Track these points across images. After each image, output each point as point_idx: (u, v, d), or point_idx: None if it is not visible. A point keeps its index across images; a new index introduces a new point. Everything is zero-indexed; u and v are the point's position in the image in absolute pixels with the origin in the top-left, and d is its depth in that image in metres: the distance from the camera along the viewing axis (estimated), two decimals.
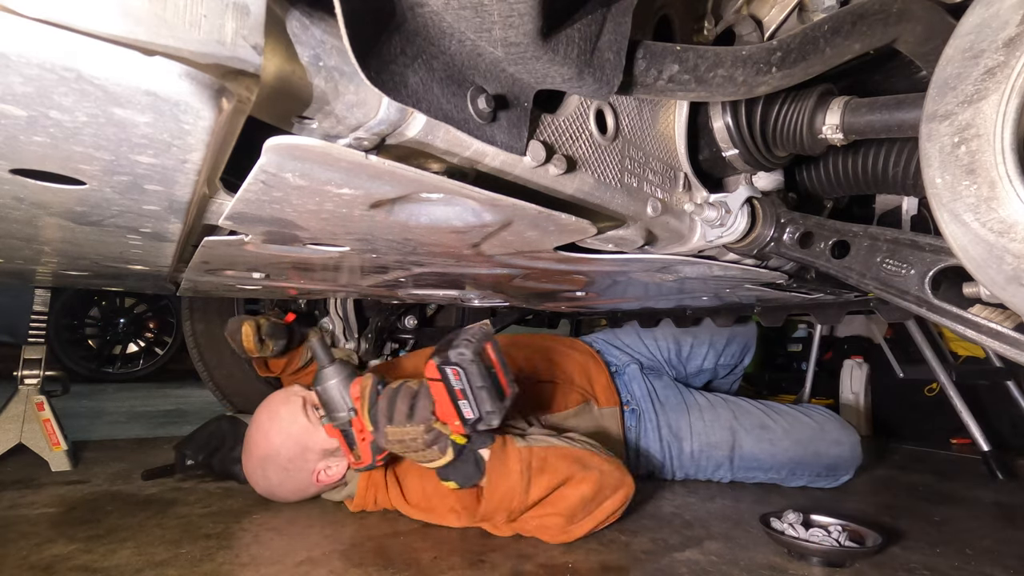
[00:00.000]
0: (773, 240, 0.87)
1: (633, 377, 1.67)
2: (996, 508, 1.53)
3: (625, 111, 0.71)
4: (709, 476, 1.62)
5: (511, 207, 0.64)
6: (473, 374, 1.02)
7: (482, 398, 1.02)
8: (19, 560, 0.97)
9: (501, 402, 1.04)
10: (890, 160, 0.86)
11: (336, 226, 0.72)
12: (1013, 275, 0.51)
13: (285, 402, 1.27)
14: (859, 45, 0.70)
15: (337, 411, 1.16)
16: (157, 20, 0.32)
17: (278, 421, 1.25)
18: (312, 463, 1.24)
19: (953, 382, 2.03)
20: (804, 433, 1.57)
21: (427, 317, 2.33)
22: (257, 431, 1.27)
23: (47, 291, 1.68)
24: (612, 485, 1.12)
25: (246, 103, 0.40)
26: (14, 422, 1.53)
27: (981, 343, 0.65)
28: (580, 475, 1.09)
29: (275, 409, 1.27)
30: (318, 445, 1.22)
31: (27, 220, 0.68)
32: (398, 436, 1.03)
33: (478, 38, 0.49)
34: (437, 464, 1.05)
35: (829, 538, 1.11)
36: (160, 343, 3.84)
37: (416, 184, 0.56)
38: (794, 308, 1.57)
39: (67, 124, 0.39)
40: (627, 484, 1.14)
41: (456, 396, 1.01)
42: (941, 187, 0.53)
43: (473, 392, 1.02)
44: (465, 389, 1.02)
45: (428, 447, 1.02)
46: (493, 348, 1.08)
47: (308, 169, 0.51)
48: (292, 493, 1.29)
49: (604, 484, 1.11)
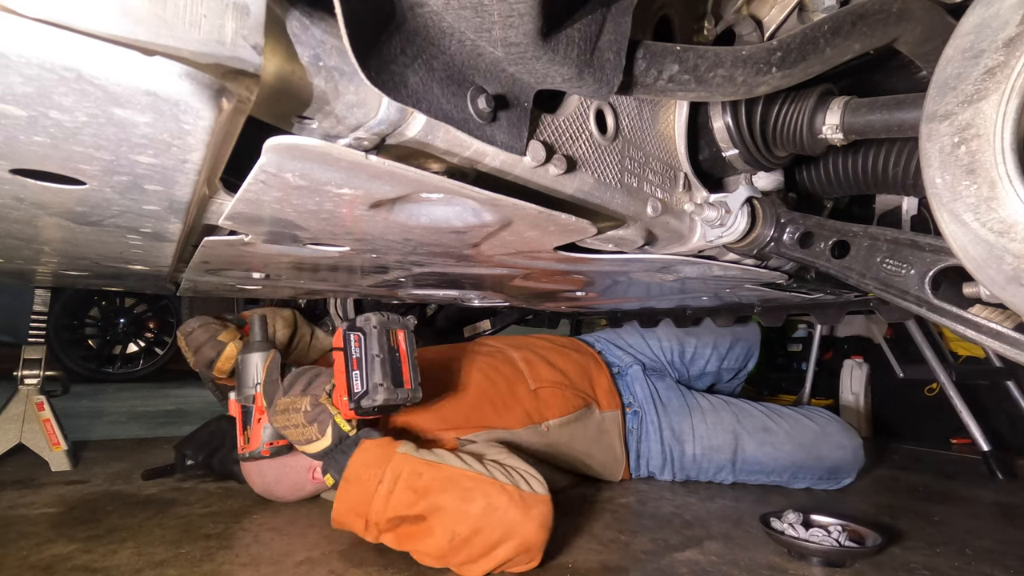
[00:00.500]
0: (773, 240, 0.87)
1: (636, 378, 1.67)
2: (996, 508, 1.53)
3: (625, 111, 0.71)
4: (711, 478, 1.62)
5: (511, 207, 0.64)
6: (372, 343, 0.96)
7: (374, 368, 0.95)
8: (19, 560, 0.97)
9: (395, 386, 0.96)
10: (890, 160, 0.86)
11: (336, 226, 0.72)
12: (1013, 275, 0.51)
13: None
14: (859, 45, 0.70)
15: (247, 385, 1.10)
16: (157, 20, 0.32)
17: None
18: (307, 460, 1.22)
19: (953, 382, 2.03)
20: (807, 436, 1.57)
21: (427, 317, 2.33)
22: None
23: (47, 291, 1.68)
24: (500, 533, 0.91)
25: (246, 103, 0.40)
26: (14, 422, 1.53)
27: (981, 343, 0.65)
28: (454, 509, 0.91)
29: None
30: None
31: (27, 220, 0.68)
32: (283, 407, 0.98)
33: (478, 38, 0.49)
34: (314, 448, 0.98)
35: (829, 538, 1.11)
36: (160, 343, 3.84)
37: (416, 184, 0.56)
38: (794, 308, 1.57)
39: (67, 124, 0.39)
40: (525, 533, 0.92)
41: (351, 366, 0.95)
42: (941, 187, 0.53)
43: (367, 361, 0.95)
44: (361, 359, 0.95)
45: (309, 424, 0.96)
46: (406, 340, 1.02)
47: (308, 169, 0.51)
48: (289, 491, 1.28)
49: (485, 527, 0.90)
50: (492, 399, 1.38)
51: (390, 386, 0.95)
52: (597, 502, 1.40)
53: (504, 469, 1.00)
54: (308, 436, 0.97)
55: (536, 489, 0.98)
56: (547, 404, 1.46)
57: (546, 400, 1.47)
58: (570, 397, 1.51)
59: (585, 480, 1.54)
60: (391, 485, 0.93)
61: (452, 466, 0.97)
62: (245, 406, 1.10)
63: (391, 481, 0.93)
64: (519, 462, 1.05)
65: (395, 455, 0.96)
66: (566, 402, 1.50)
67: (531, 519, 0.93)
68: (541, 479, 1.00)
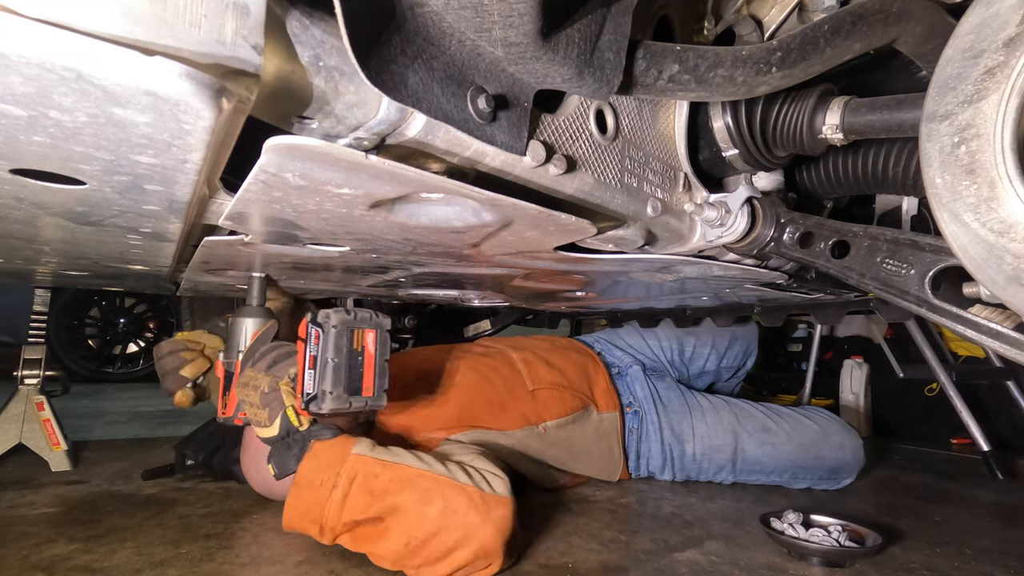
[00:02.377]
0: (773, 240, 0.87)
1: (636, 378, 1.67)
2: (996, 508, 1.53)
3: (625, 111, 0.71)
4: (711, 478, 1.62)
5: (511, 207, 0.64)
6: (330, 344, 0.88)
7: (325, 373, 0.87)
8: (19, 560, 0.97)
9: (348, 394, 0.88)
10: (890, 160, 0.86)
11: (336, 226, 0.72)
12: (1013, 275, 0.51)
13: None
14: (859, 45, 0.70)
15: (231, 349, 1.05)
16: (157, 20, 0.32)
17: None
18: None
19: (953, 382, 2.03)
20: (807, 437, 1.57)
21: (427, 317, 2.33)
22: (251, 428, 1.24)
23: (47, 291, 1.68)
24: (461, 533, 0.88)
25: (246, 103, 0.40)
26: (14, 422, 1.53)
27: (981, 343, 0.65)
28: (411, 510, 0.88)
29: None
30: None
31: (27, 220, 0.68)
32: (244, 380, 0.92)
33: (478, 38, 0.49)
34: (263, 434, 0.93)
35: (829, 538, 1.11)
36: None
37: (416, 184, 0.56)
38: (794, 308, 1.57)
39: (67, 124, 0.39)
40: (481, 537, 0.88)
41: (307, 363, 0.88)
42: (941, 187, 0.53)
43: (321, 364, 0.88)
44: (317, 357, 0.88)
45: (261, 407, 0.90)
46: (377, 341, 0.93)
47: (308, 169, 0.51)
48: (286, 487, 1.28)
49: (442, 529, 0.87)
50: (489, 399, 1.38)
51: (341, 394, 0.87)
52: (597, 502, 1.40)
53: (465, 469, 0.96)
54: (259, 419, 0.91)
55: (497, 489, 0.94)
56: (545, 406, 1.46)
57: (544, 402, 1.46)
58: (568, 399, 1.51)
59: (585, 480, 1.55)
60: (346, 489, 0.89)
61: (410, 466, 0.93)
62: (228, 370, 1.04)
63: (346, 484, 0.89)
64: (484, 462, 1.01)
65: (349, 456, 0.92)
66: (564, 404, 1.49)
67: (490, 522, 0.89)
68: (504, 479, 0.97)
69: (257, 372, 0.93)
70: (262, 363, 0.95)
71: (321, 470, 0.90)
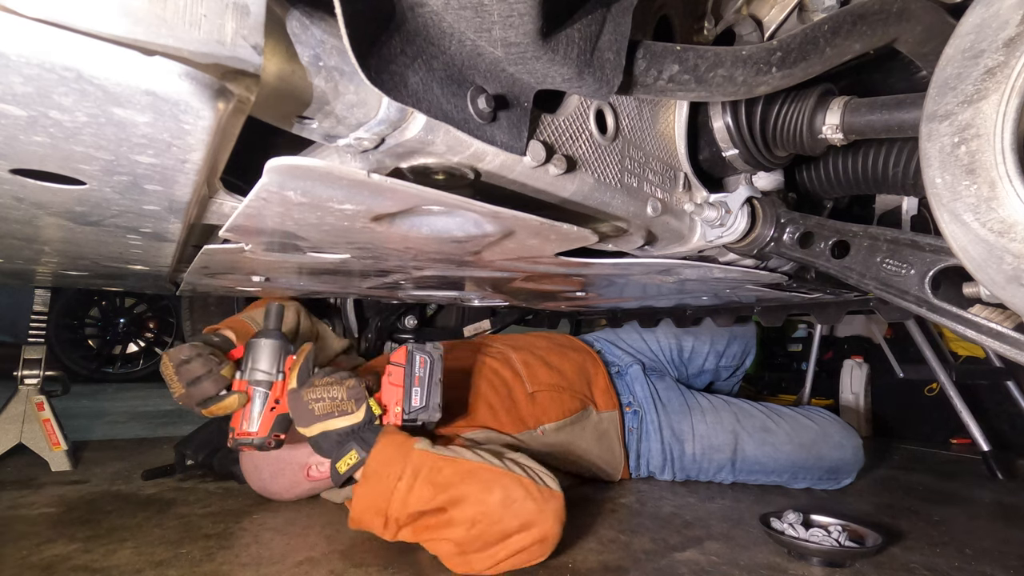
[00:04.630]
0: (773, 240, 0.87)
1: (635, 378, 1.67)
2: (996, 508, 1.53)
3: (625, 111, 0.71)
4: (711, 478, 1.62)
5: (512, 219, 0.64)
6: (436, 369, 1.10)
7: (436, 392, 1.09)
8: (19, 560, 0.97)
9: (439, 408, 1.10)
10: (890, 160, 0.86)
11: (337, 237, 0.72)
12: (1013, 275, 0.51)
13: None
14: (859, 45, 0.70)
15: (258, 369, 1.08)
16: (157, 20, 0.32)
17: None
18: (303, 457, 1.22)
19: (953, 382, 2.03)
20: (806, 436, 1.57)
21: (427, 317, 2.33)
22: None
23: (47, 291, 1.68)
24: (518, 523, 0.94)
25: (246, 103, 0.40)
26: (14, 422, 1.53)
27: (981, 343, 0.65)
28: (475, 499, 0.94)
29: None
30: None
31: (27, 220, 0.68)
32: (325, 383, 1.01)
33: (478, 38, 0.49)
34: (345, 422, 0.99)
35: (829, 538, 1.11)
36: (160, 343, 3.83)
37: (417, 199, 0.57)
38: (794, 308, 1.57)
39: (67, 124, 0.39)
40: (541, 524, 0.95)
41: (412, 382, 1.07)
42: (941, 187, 0.53)
43: (428, 383, 1.08)
44: (424, 378, 1.08)
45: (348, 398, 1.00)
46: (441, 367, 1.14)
47: (310, 187, 0.51)
48: (285, 489, 1.28)
49: (504, 516, 0.93)
50: (491, 402, 1.38)
51: (437, 405, 1.09)
52: (597, 502, 1.40)
53: (520, 466, 1.03)
54: (344, 408, 1.00)
55: (551, 485, 1.01)
56: (544, 409, 1.45)
57: (543, 404, 1.46)
58: (567, 400, 1.51)
59: (585, 480, 1.54)
60: (411, 481, 0.95)
61: (471, 460, 0.99)
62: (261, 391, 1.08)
63: (411, 477, 0.95)
64: (533, 462, 1.08)
65: (413, 452, 0.98)
66: (563, 405, 1.49)
67: (548, 511, 0.96)
68: (554, 478, 1.04)
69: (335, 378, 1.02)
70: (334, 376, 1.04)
71: (388, 463, 0.97)
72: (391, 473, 0.96)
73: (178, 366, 1.11)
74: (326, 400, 1.00)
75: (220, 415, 1.12)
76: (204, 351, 1.14)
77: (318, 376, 1.04)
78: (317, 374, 1.05)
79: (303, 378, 1.04)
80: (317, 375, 1.05)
